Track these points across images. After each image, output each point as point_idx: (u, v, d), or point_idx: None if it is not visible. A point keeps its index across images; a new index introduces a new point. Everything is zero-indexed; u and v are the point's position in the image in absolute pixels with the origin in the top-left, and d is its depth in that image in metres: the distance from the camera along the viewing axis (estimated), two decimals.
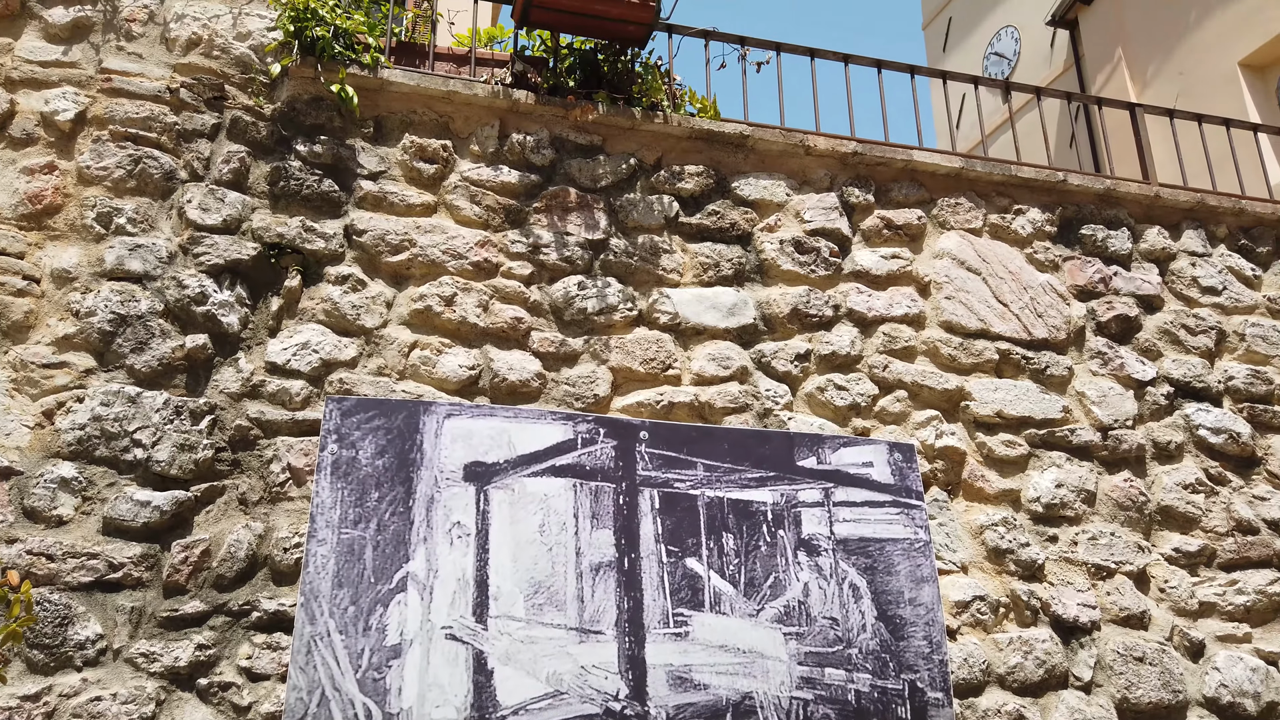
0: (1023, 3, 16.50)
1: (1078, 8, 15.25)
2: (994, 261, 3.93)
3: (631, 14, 3.66)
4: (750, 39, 4.14)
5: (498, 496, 2.95)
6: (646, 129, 3.70)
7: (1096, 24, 15.02)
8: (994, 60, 16.99)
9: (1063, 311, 3.88)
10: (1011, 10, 16.70)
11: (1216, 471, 3.72)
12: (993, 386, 3.65)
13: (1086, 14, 15.22)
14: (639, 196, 3.64)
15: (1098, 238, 4.06)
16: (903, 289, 3.78)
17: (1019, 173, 4.07)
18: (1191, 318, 3.99)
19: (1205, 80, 13.42)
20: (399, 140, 3.43)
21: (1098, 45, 14.97)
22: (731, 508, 3.15)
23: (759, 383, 3.45)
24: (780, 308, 3.58)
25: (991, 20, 17.10)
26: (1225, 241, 4.25)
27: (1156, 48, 14.25)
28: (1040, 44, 16.15)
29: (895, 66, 4.29)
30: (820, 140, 3.89)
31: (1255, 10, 12.87)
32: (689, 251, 3.61)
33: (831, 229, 3.79)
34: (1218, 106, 13.34)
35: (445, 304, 3.21)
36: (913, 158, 3.96)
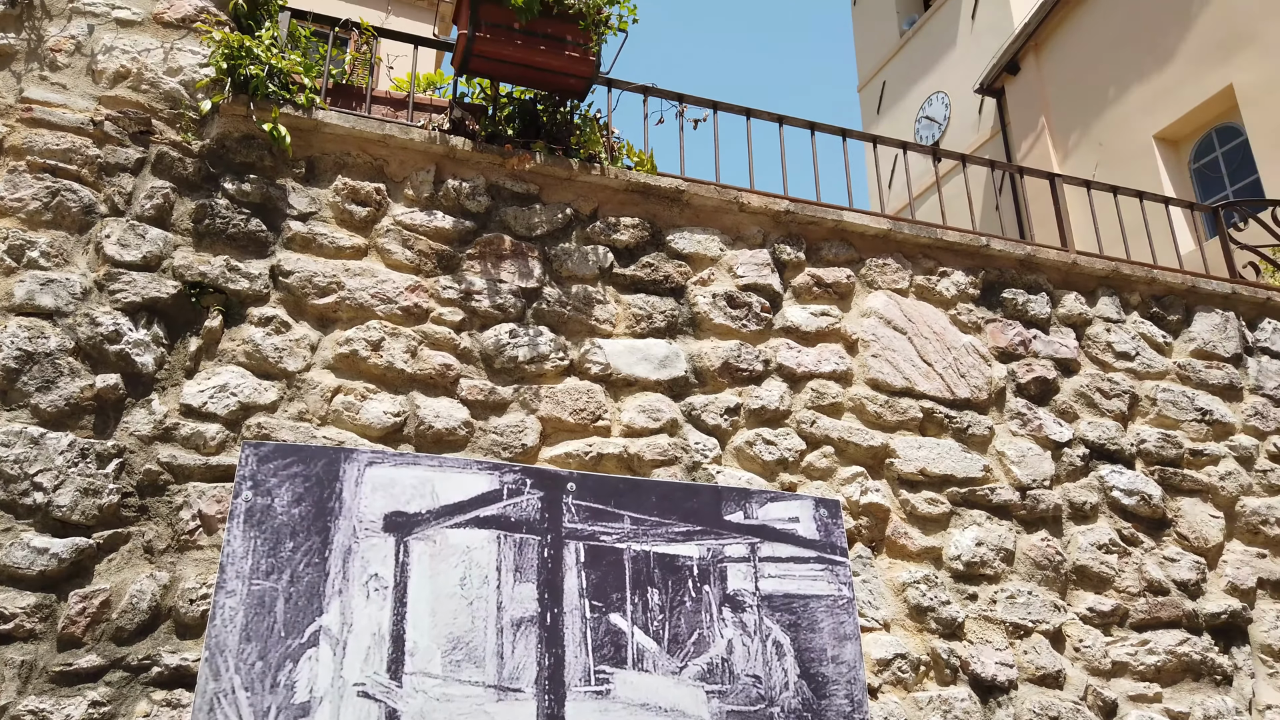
0: (953, 70, 17.19)
1: (1004, 78, 15.95)
2: (919, 322, 4.02)
3: (572, 67, 3.70)
4: (688, 96, 4.22)
5: (418, 548, 2.88)
6: (583, 180, 3.73)
7: (1022, 94, 15.70)
8: (925, 124, 17.61)
9: (984, 372, 3.98)
10: (942, 77, 17.37)
11: (1129, 532, 3.82)
12: (917, 444, 3.71)
13: (1013, 84, 15.91)
14: (574, 246, 3.65)
15: (1018, 302, 4.19)
16: (831, 346, 3.84)
17: (944, 236, 4.19)
18: (1106, 382, 4.13)
19: (1123, 151, 14.09)
20: (331, 182, 3.39)
21: (1023, 114, 15.63)
22: (658, 562, 3.12)
23: (689, 435, 3.45)
24: (712, 361, 3.61)
25: (923, 86, 17.76)
26: (1139, 309, 4.42)
27: (1078, 119, 14.93)
28: (969, 110, 16.80)
29: (827, 129, 4.40)
30: (754, 198, 3.96)
31: (1169, 88, 13.58)
32: (622, 303, 3.62)
33: (763, 285, 3.84)
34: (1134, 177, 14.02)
35: (372, 349, 3.16)
36: (843, 218, 4.05)
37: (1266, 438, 4.27)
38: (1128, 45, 14.09)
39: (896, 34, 18.49)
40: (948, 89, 17.11)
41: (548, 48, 3.64)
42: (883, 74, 18.60)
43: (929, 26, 17.66)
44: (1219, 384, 4.30)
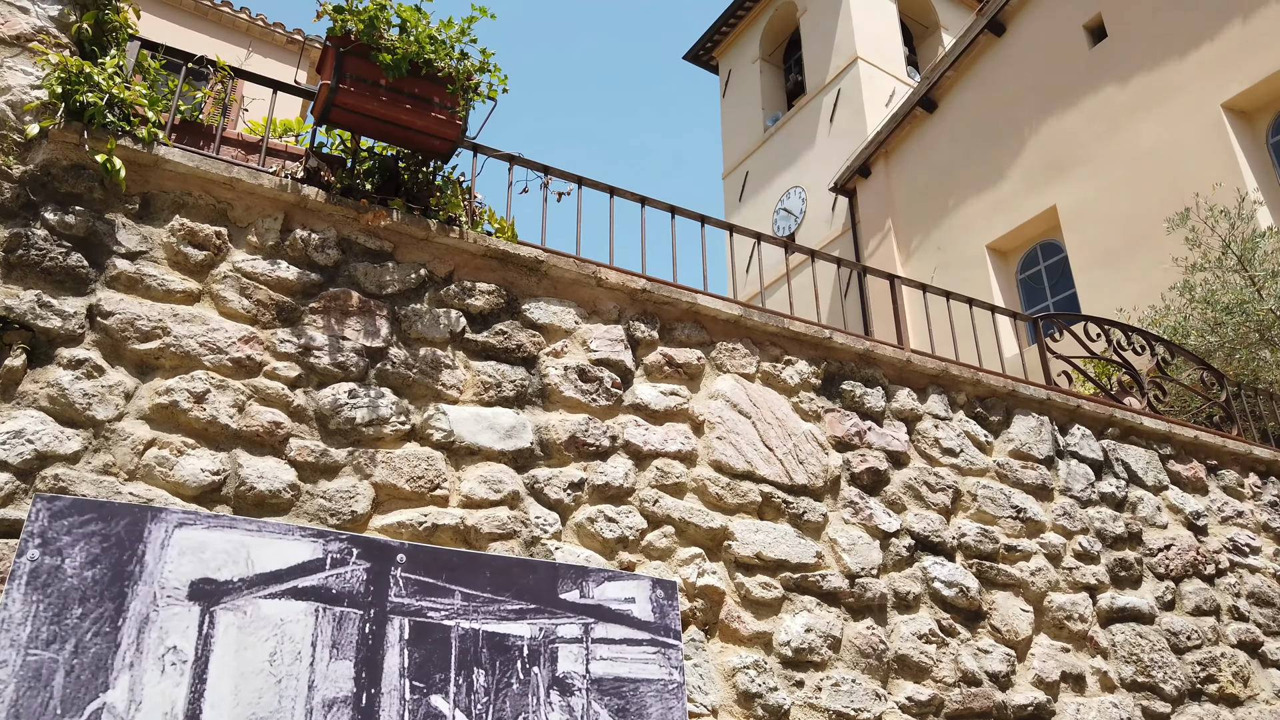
0: (811, 167, 18.15)
1: (857, 179, 16.96)
2: (764, 407, 4.12)
3: (437, 129, 3.67)
4: (554, 169, 4.25)
5: (226, 619, 2.67)
6: (441, 241, 3.67)
7: (872, 196, 16.71)
8: (783, 215, 18.44)
9: (821, 460, 4.10)
10: (801, 173, 18.30)
11: (947, 623, 3.98)
12: (754, 528, 3.76)
13: (864, 186, 16.92)
14: (426, 308, 3.56)
15: (856, 394, 4.37)
16: (678, 425, 3.87)
17: (791, 326, 4.34)
18: (933, 476, 4.33)
19: (959, 257, 15.13)
20: (168, 221, 3.20)
21: (872, 214, 16.62)
22: (487, 641, 3.01)
23: (530, 509, 3.39)
24: (559, 434, 3.57)
25: (783, 179, 18.65)
26: (964, 408, 4.69)
27: (920, 224, 15.98)
28: (824, 206, 17.73)
29: (687, 214, 4.53)
30: (612, 274, 4.00)
31: (1002, 203, 14.73)
32: (472, 369, 3.55)
33: (616, 360, 3.85)
34: (968, 281, 15.05)
35: (195, 400, 2.96)
36: (697, 301, 4.14)
37: (1073, 537, 4.57)
38: (967, 160, 15.28)
39: (761, 128, 19.41)
40: (805, 184, 18.03)
41: (414, 107, 3.60)
42: (747, 164, 19.44)
43: (791, 125, 18.64)
44: (1033, 484, 4.59)
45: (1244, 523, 5.26)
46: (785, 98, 19.89)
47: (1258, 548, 5.19)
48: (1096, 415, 5.02)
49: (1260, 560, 5.16)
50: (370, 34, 3.45)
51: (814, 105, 18.21)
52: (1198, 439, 5.31)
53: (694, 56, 20.86)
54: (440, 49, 3.58)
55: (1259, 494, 5.45)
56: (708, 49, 20.70)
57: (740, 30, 20.46)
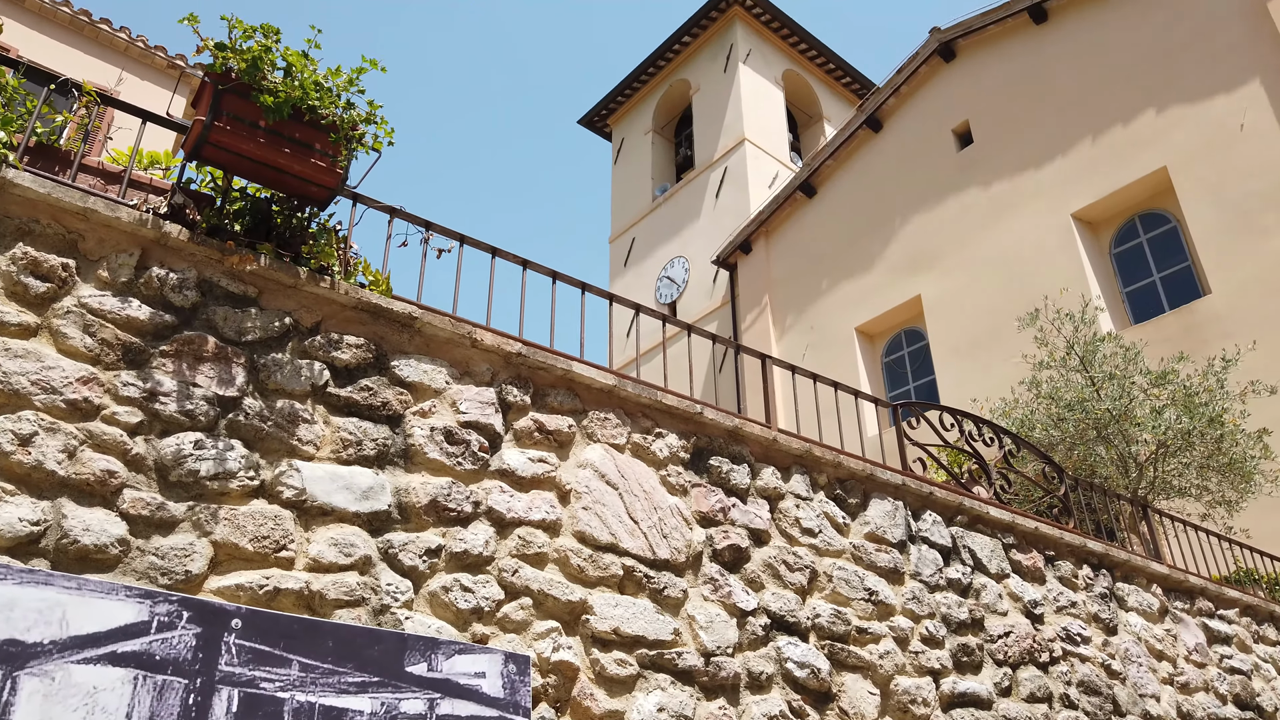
0: (695, 240, 18.61)
1: (738, 255, 17.46)
2: (632, 479, 4.12)
3: (316, 175, 3.58)
4: (436, 225, 4.20)
5: (31, 685, 2.44)
6: (310, 290, 3.55)
7: (752, 272, 17.23)
8: (665, 283, 18.78)
9: (685, 535, 4.12)
10: (685, 244, 18.73)
11: (798, 705, 4.01)
12: (614, 602, 3.72)
13: (745, 261, 17.44)
14: (288, 358, 3.42)
15: (723, 470, 4.42)
16: (545, 494, 3.82)
17: (664, 399, 4.37)
18: (791, 555, 4.41)
19: (830, 337, 15.70)
20: (9, 249, 2.98)
21: (751, 290, 17.11)
22: (323, 715, 2.85)
23: (381, 575, 3.25)
24: (419, 497, 3.46)
25: (668, 248, 19.04)
26: (825, 489, 4.81)
27: (795, 302, 16.54)
28: (705, 278, 18.16)
29: (568, 280, 4.54)
30: (488, 335, 3.95)
31: (871, 289, 15.41)
32: (332, 425, 3.42)
33: (485, 424, 3.78)
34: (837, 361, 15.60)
35: (20, 444, 2.74)
36: (572, 368, 4.13)
37: (920, 621, 4.71)
38: (841, 245, 15.98)
39: (650, 197, 19.83)
40: (689, 255, 18.46)
41: (293, 151, 3.50)
42: (634, 230, 19.79)
43: (679, 197, 19.12)
44: (886, 567, 4.73)
45: (1077, 612, 5.55)
46: (674, 170, 20.42)
47: (1088, 637, 5.48)
48: (947, 502, 5.23)
49: (1090, 650, 5.45)
50: (253, 74, 3.35)
51: (701, 180, 18.75)
52: (1038, 530, 5.61)
53: (589, 122, 21.22)
54: (326, 96, 3.51)
55: (1091, 585, 5.78)
56: (603, 116, 21.10)
57: (635, 101, 20.98)
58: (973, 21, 14.71)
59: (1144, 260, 12.58)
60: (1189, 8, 12.46)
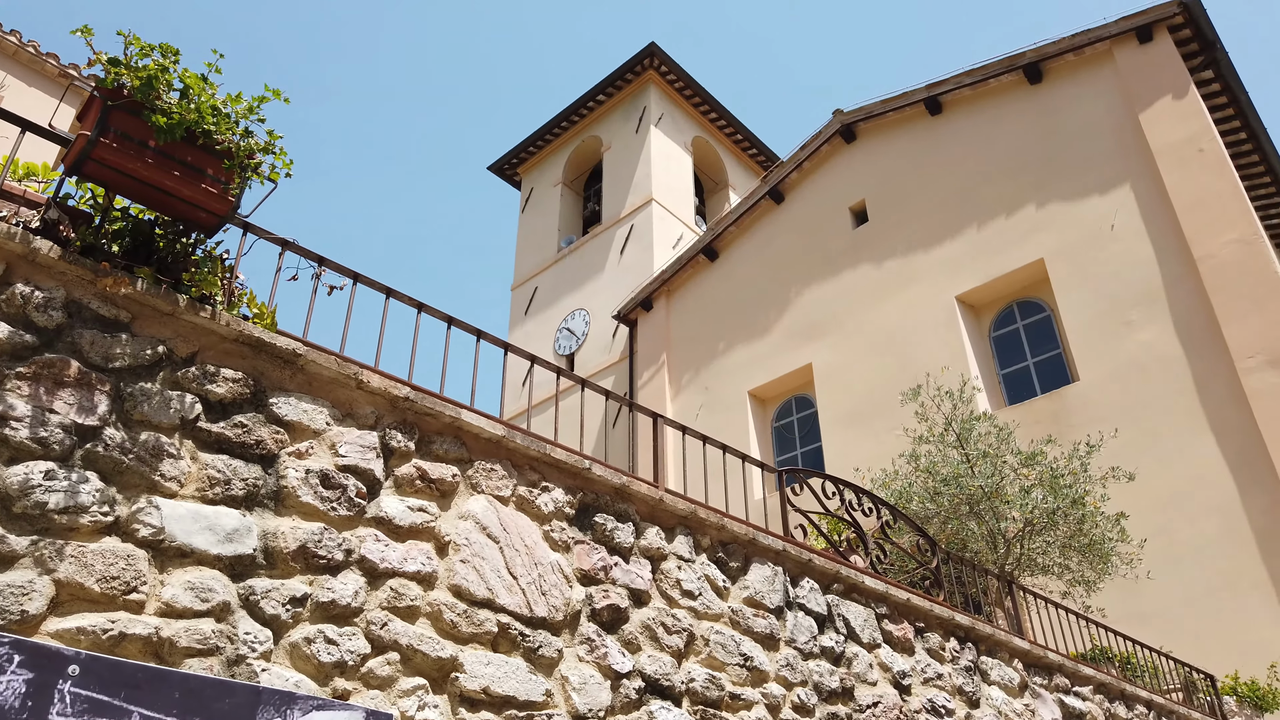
0: (598, 293, 18.72)
1: (639, 311, 17.63)
2: (514, 533, 4.05)
3: (206, 201, 3.45)
4: (330, 261, 4.10)
5: None
6: (188, 320, 3.40)
7: (651, 329, 17.40)
8: (565, 335, 18.79)
9: (565, 593, 4.06)
10: (588, 297, 18.82)
11: None
12: (485, 660, 3.62)
13: (645, 319, 17.61)
14: (157, 389, 3.26)
15: (607, 528, 4.39)
16: (422, 544, 3.71)
17: (553, 453, 4.34)
18: (670, 617, 4.39)
19: (723, 398, 15.92)
20: None
21: (649, 347, 17.26)
22: None
23: (240, 624, 3.08)
24: (287, 542, 3.31)
25: (570, 300, 19.09)
26: (707, 551, 4.83)
27: (692, 362, 16.75)
28: (606, 332, 18.25)
29: (463, 326, 4.49)
30: (375, 377, 3.85)
31: (765, 354, 15.73)
32: (200, 461, 3.25)
33: (365, 469, 3.67)
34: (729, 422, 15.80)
35: None
36: (461, 416, 4.06)
37: (793, 688, 4.74)
38: (739, 310, 16.33)
39: (555, 248, 19.90)
40: (591, 308, 18.55)
41: (182, 174, 3.37)
42: (537, 279, 19.79)
43: (584, 250, 19.26)
44: (762, 633, 4.76)
45: (942, 684, 5.69)
46: (582, 223, 20.58)
47: (952, 710, 5.61)
48: (825, 570, 5.32)
49: None
50: (147, 93, 3.23)
51: (607, 235, 18.95)
52: (910, 601, 5.75)
53: (499, 168, 21.26)
54: (223, 122, 3.41)
55: (957, 658, 5.94)
56: (513, 164, 21.17)
57: (547, 153, 21.14)
58: (873, 107, 15.44)
59: (1020, 345, 13.26)
60: (1070, 113, 13.39)
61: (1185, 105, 12.17)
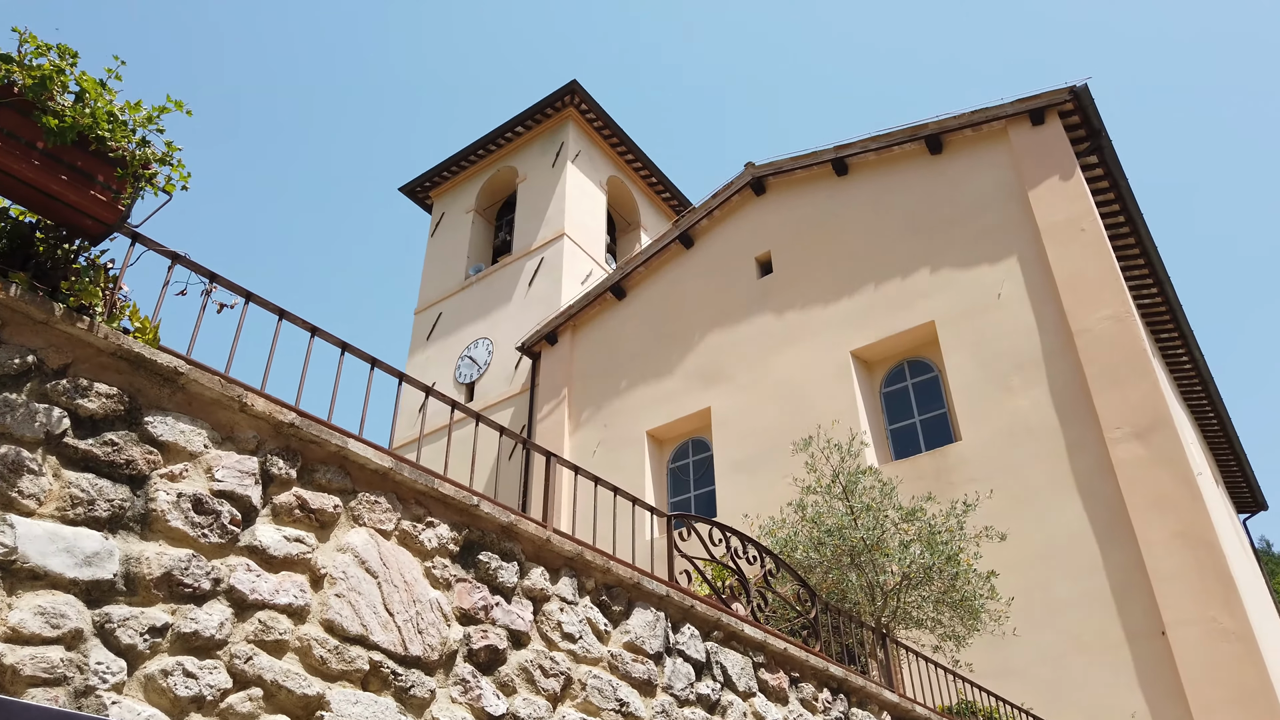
0: (503, 323, 18.62)
1: (543, 344, 17.60)
2: (394, 568, 3.97)
3: (93, 208, 3.33)
4: (221, 278, 3.99)
5: None
6: (63, 330, 3.25)
7: (554, 363, 17.37)
8: (467, 363, 18.58)
9: (442, 632, 3.99)
10: (492, 326, 18.69)
11: None
12: (354, 699, 3.53)
13: (549, 352, 17.58)
14: (23, 400, 3.10)
15: (491, 566, 4.35)
16: (296, 576, 3.61)
17: (441, 487, 4.28)
18: (549, 660, 4.36)
19: (622, 436, 15.97)
20: None
21: (551, 381, 17.22)
22: None
23: (92, 653, 2.93)
24: (152, 569, 3.18)
25: (474, 328, 18.92)
26: (591, 594, 4.82)
27: (593, 398, 16.77)
28: (509, 363, 18.13)
29: (357, 353, 4.41)
30: (260, 401, 3.75)
31: (666, 395, 15.86)
32: (63, 479, 3.10)
33: (241, 495, 3.56)
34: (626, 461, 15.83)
35: None
36: (347, 446, 3.98)
37: None
38: (643, 349, 16.46)
39: (463, 275, 19.74)
40: (495, 338, 18.42)
41: (71, 179, 3.25)
42: (442, 305, 19.56)
43: (492, 279, 19.16)
44: (640, 678, 4.77)
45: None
46: (492, 252, 20.49)
47: None
48: (706, 617, 5.38)
49: None
50: (39, 93, 3.11)
51: (517, 266, 18.90)
52: (787, 651, 5.85)
53: (411, 191, 21.02)
54: (119, 129, 3.31)
55: (829, 709, 6.06)
56: (425, 187, 20.98)
57: (461, 179, 21.03)
58: (783, 163, 15.92)
59: (909, 402, 13.75)
60: (966, 185, 14.08)
61: (1070, 187, 12.95)
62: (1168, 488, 10.48)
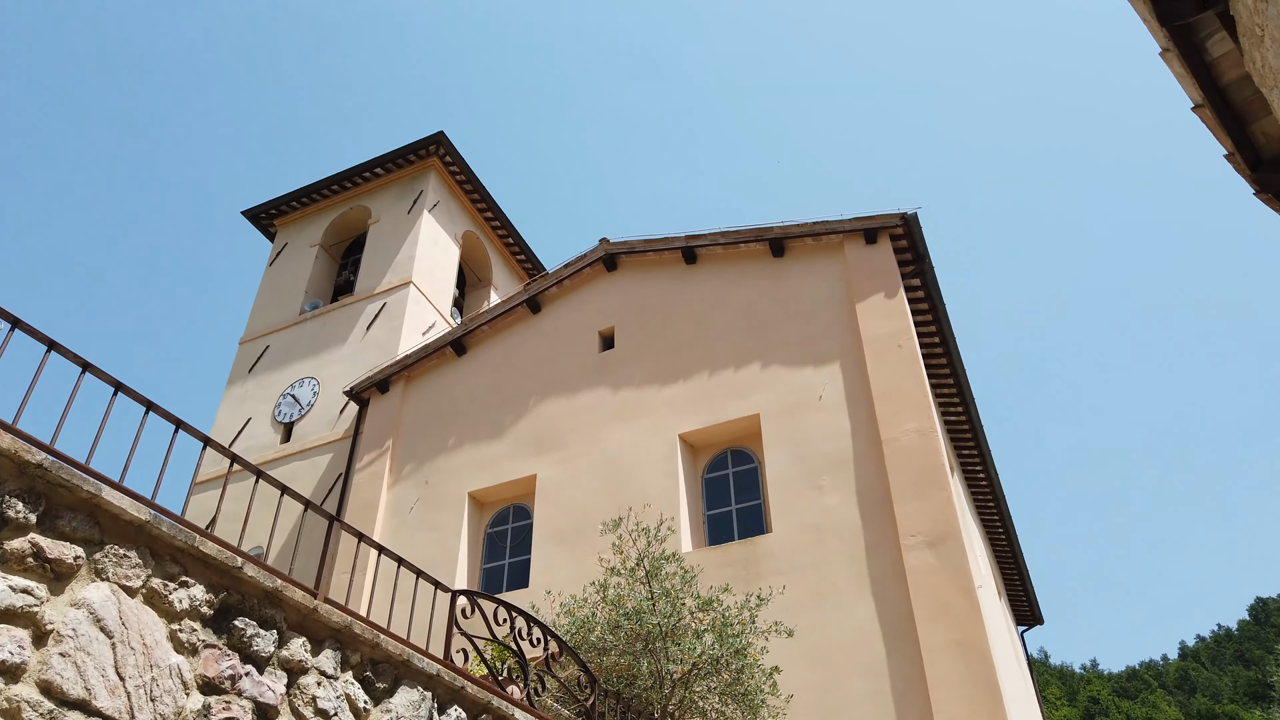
0: (333, 364, 18.02)
1: (373, 392, 17.14)
2: (134, 629, 3.73)
3: None
4: None
5: None
6: None
7: (383, 412, 16.92)
8: (289, 401, 17.83)
9: (179, 700, 3.77)
10: (321, 366, 18.05)
11: None
12: None
13: (379, 400, 17.12)
14: None
15: (247, 633, 4.16)
16: (17, 630, 3.34)
17: (202, 545, 4.08)
18: None
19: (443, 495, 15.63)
20: None
21: (377, 430, 16.73)
22: None
23: None
24: None
25: (302, 366, 18.22)
26: (356, 668, 4.66)
27: (418, 453, 16.39)
28: (334, 405, 17.51)
29: (133, 395, 4.20)
30: (6, 438, 3.50)
31: (492, 459, 15.69)
32: None
33: None
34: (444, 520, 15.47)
35: None
36: (101, 494, 3.75)
37: None
38: (476, 410, 16.27)
39: (298, 309, 19.04)
40: (323, 379, 17.77)
41: None
42: (271, 338, 18.75)
43: (328, 318, 18.57)
44: None
45: None
46: (332, 291, 19.91)
47: None
48: (477, 699, 5.28)
49: None
50: None
51: (357, 308, 18.42)
52: None
53: (255, 216, 20.26)
54: None
55: None
56: (271, 214, 20.28)
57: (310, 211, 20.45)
58: (637, 244, 16.34)
59: (728, 490, 14.13)
60: (802, 289, 14.83)
61: (893, 305, 13.85)
62: (950, 597, 11.13)
